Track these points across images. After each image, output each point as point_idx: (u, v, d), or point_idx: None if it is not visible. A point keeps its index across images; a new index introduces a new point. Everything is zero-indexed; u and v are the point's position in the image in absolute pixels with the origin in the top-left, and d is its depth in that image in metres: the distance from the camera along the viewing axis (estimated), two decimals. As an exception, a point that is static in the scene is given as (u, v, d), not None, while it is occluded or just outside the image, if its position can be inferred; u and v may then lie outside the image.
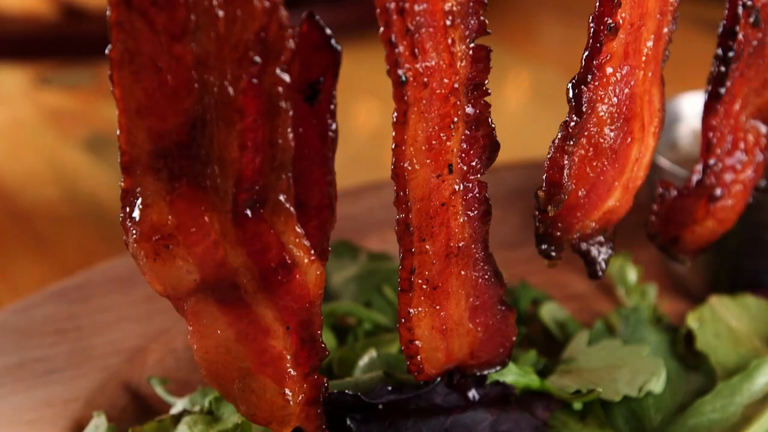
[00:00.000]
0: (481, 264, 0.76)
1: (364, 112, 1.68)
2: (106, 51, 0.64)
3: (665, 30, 0.77)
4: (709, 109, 0.83)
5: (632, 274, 1.05)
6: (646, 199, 0.94)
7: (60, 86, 1.75)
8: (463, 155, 0.72)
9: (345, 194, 1.21)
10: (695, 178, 0.86)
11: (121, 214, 0.69)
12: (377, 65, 0.63)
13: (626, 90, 0.76)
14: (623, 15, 0.72)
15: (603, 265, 0.82)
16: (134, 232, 0.68)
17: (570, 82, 0.74)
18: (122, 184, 0.68)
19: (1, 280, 1.17)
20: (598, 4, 0.72)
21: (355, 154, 1.47)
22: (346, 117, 0.70)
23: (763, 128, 0.88)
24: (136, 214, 0.67)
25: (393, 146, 0.69)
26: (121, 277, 1.06)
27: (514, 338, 0.81)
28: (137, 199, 0.68)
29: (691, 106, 1.15)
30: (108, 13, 0.62)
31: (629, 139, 0.77)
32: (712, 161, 0.85)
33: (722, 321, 0.94)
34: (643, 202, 0.91)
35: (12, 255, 1.22)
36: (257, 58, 0.62)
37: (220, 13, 0.61)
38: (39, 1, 1.89)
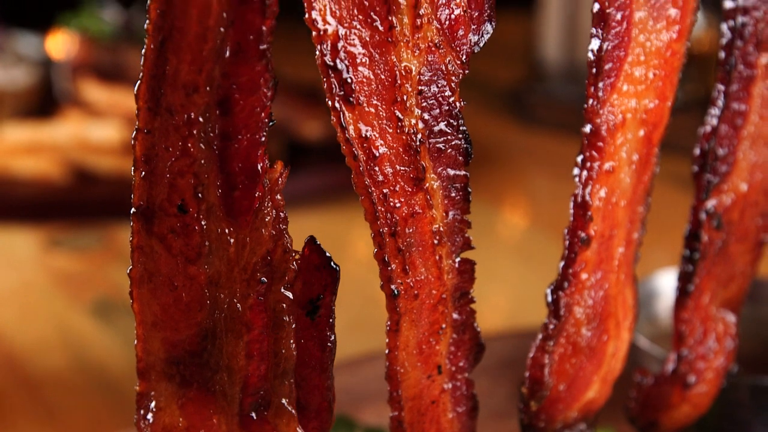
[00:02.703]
0: (470, 455, 0.82)
1: (358, 275, 1.75)
2: (127, 271, 0.71)
3: (635, 236, 0.85)
4: (679, 304, 0.90)
5: (617, 449, 1.09)
6: (628, 370, 1.00)
7: (70, 249, 1.82)
8: (451, 356, 0.78)
9: (341, 366, 1.26)
10: (670, 366, 0.92)
11: (136, 416, 0.74)
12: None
13: (601, 293, 0.82)
14: (595, 228, 0.80)
15: (585, 451, 0.88)
16: (148, 433, 0.73)
17: (548, 287, 0.81)
18: (137, 388, 0.74)
19: (9, 452, 1.22)
20: (572, 218, 0.80)
21: (350, 321, 1.53)
22: (341, 280, 0.76)
23: (732, 317, 0.94)
24: (150, 416, 0.73)
25: (387, 351, 0.75)
26: (127, 452, 1.10)
27: None
28: (151, 403, 0.73)
29: (667, 282, 1.21)
30: (130, 238, 0.70)
31: (605, 337, 0.84)
32: (684, 352, 0.91)
33: (702, 500, 0.98)
34: (626, 371, 0.97)
35: (20, 425, 1.26)
36: (264, 279, 0.69)
37: (231, 240, 0.68)
38: (51, 165, 1.98)
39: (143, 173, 0.68)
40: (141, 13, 2.33)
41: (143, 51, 0.64)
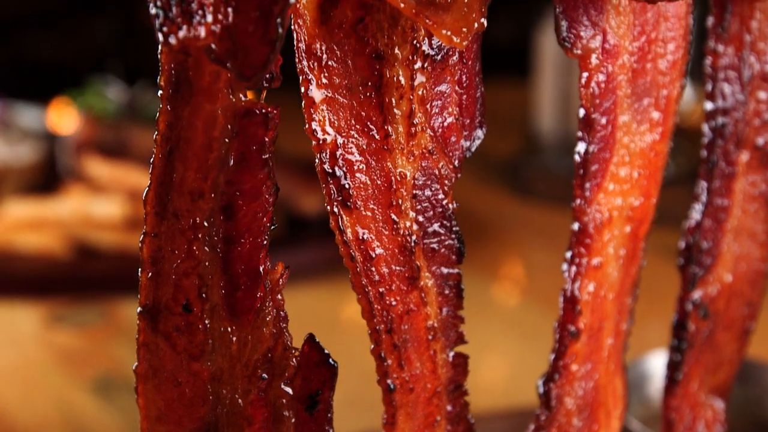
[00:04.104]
0: None
1: (353, 350, 1.77)
2: (133, 367, 0.73)
3: (624, 327, 0.88)
4: (668, 392, 0.92)
5: None
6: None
7: (71, 324, 1.84)
8: (446, 448, 0.80)
9: (340, 446, 1.27)
10: (660, 454, 0.94)
11: (139, 508, 0.76)
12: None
13: (591, 383, 0.85)
14: (584, 321, 0.83)
15: None
16: None
17: (540, 379, 0.83)
18: (140, 480, 0.76)
19: None
20: (561, 312, 0.83)
21: (348, 397, 1.54)
22: (337, 357, 0.78)
23: (720, 404, 0.97)
24: None
25: (383, 443, 0.78)
26: None
27: None
28: (154, 495, 0.75)
29: (659, 364, 1.24)
30: (137, 336, 0.73)
31: (596, 426, 0.86)
32: (674, 439, 0.93)
33: None
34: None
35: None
36: (264, 375, 0.72)
37: (234, 338, 0.71)
38: (54, 240, 2.01)
39: (150, 274, 0.70)
40: (144, 90, 2.39)
41: (152, 160, 0.68)
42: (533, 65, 2.91)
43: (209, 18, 0.61)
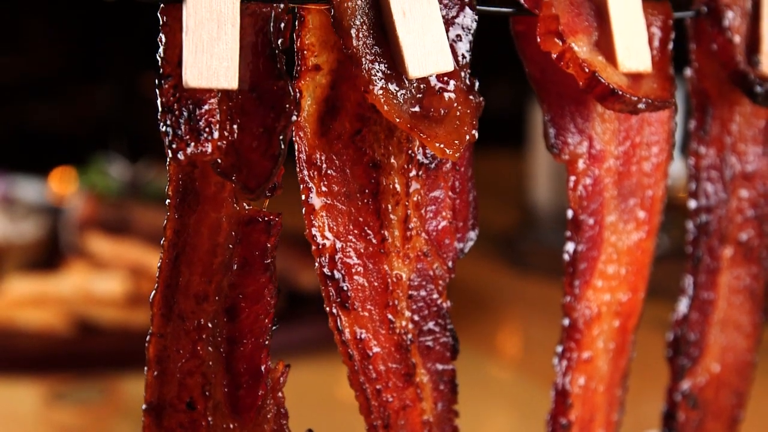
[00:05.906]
0: None
1: (352, 428, 1.78)
2: (138, 462, 0.75)
3: (614, 418, 0.90)
4: (661, 478, 0.95)
5: None
6: None
7: (72, 402, 1.85)
8: None
9: None
10: None
11: None
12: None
13: (583, 474, 0.87)
14: (576, 414, 0.85)
15: None
16: None
17: (533, 471, 0.85)
18: None
19: None
20: (553, 404, 0.85)
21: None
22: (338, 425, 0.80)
23: (712, 490, 0.99)
24: None
25: None
26: None
27: None
28: None
29: (653, 447, 1.26)
30: (141, 432, 0.75)
31: None
32: None
33: None
34: None
35: None
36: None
37: (236, 438, 0.74)
38: (55, 317, 2.03)
39: (155, 373, 0.73)
40: (146, 168, 2.43)
41: (158, 264, 0.71)
42: (528, 137, 2.96)
43: (215, 134, 0.64)
